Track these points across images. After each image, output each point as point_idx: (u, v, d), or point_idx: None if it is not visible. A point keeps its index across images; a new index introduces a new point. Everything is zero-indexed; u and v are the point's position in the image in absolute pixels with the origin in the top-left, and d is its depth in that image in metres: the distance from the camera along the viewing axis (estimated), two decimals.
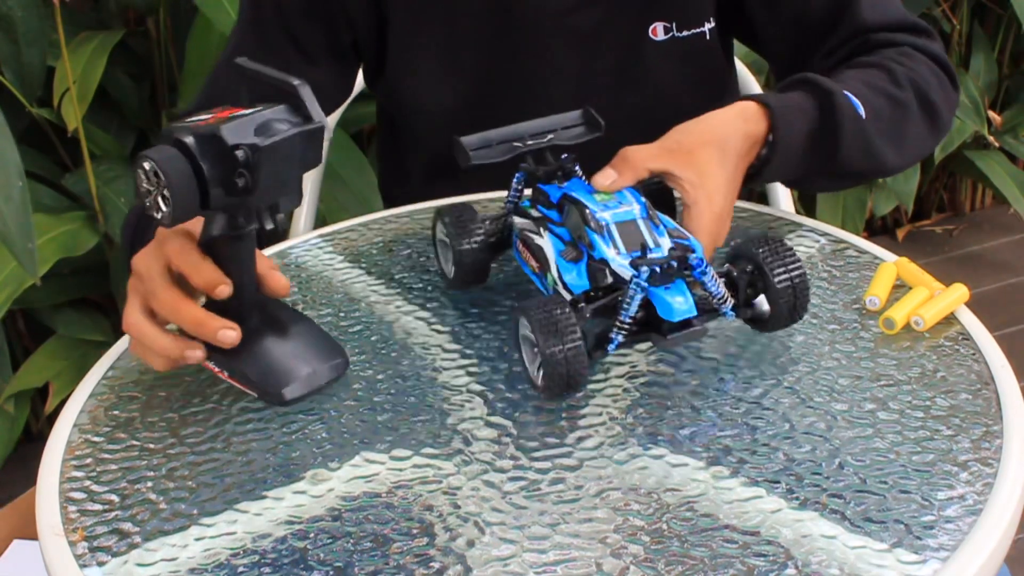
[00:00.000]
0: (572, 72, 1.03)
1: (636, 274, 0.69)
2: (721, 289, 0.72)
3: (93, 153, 1.69)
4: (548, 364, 0.68)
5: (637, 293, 0.70)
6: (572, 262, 0.75)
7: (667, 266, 0.70)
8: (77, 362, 1.75)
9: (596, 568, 0.60)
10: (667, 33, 1.03)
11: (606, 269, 0.72)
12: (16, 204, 1.28)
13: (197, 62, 1.74)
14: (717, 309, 0.73)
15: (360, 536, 0.63)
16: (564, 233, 0.77)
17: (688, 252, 0.71)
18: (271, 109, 0.68)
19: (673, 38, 1.03)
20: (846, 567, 0.59)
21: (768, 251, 0.73)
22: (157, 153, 0.67)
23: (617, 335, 0.71)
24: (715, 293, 0.72)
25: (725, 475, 0.66)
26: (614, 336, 0.71)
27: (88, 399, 0.78)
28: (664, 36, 1.03)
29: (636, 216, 0.74)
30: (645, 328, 0.72)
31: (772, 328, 0.76)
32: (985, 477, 0.64)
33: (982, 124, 2.24)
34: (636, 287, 0.70)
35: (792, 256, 0.73)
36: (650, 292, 0.70)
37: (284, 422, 0.73)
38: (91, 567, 0.62)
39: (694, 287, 0.71)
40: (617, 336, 0.71)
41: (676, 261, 0.70)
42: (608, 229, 0.73)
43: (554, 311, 0.69)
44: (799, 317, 0.75)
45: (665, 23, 1.02)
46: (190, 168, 0.67)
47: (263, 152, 0.66)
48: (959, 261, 2.53)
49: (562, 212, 0.78)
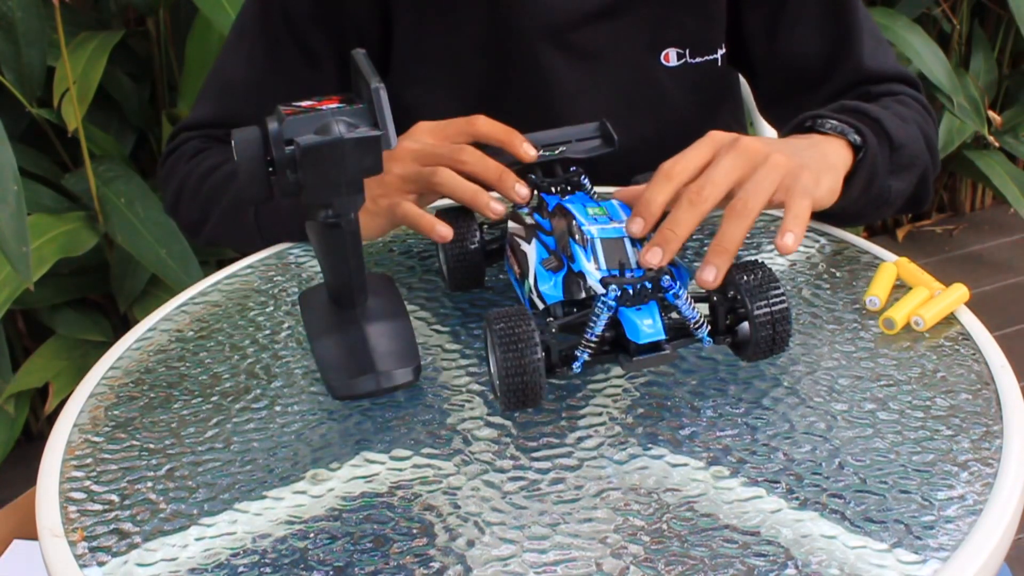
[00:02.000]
0: (575, 90, 1.02)
1: (604, 293, 0.68)
2: (695, 313, 0.70)
3: (93, 153, 1.69)
4: (505, 376, 0.67)
5: (604, 312, 0.68)
6: (551, 271, 0.74)
7: (640, 287, 0.68)
8: (77, 362, 1.75)
9: (596, 568, 0.60)
10: (679, 59, 1.02)
11: (581, 282, 0.71)
12: (11, 208, 1.28)
13: (197, 62, 1.74)
14: (692, 335, 0.71)
15: (360, 536, 0.63)
16: (551, 242, 0.76)
17: (663, 274, 0.69)
18: (353, 107, 0.68)
19: (686, 64, 1.03)
20: (846, 567, 0.59)
21: (751, 280, 0.71)
22: (240, 132, 0.68)
23: (583, 353, 0.69)
24: (689, 317, 0.70)
25: (725, 475, 0.66)
26: (579, 354, 0.69)
27: (88, 399, 0.78)
28: (677, 62, 1.02)
29: (624, 234, 0.73)
30: (614, 348, 0.70)
31: (752, 357, 0.73)
32: (985, 477, 0.64)
33: (982, 124, 2.24)
34: (603, 305, 0.68)
35: (775, 287, 0.71)
36: (620, 313, 0.69)
37: (284, 422, 0.73)
38: (91, 567, 0.62)
39: (671, 311, 0.70)
40: (583, 354, 0.69)
41: (650, 283, 0.68)
42: (592, 243, 0.72)
43: (516, 324, 0.68)
44: (780, 349, 0.72)
45: (678, 49, 1.02)
46: (262, 153, 0.67)
47: (307, 152, 0.66)
48: (959, 261, 2.53)
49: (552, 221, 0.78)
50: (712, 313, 0.72)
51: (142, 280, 1.74)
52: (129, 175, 1.69)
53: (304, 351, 0.80)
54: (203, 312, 0.87)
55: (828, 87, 1.01)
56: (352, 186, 0.69)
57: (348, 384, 0.73)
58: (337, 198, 0.69)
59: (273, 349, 0.81)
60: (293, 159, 0.66)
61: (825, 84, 1.01)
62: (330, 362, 0.75)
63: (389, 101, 0.66)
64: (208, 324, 0.85)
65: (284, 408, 0.75)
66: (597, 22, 1.00)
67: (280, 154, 0.66)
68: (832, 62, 1.01)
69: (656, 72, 1.03)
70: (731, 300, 0.72)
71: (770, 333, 0.71)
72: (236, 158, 0.67)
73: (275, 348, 0.81)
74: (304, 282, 0.90)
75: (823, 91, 1.01)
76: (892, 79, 1.01)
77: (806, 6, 1.01)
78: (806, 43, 1.01)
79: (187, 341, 0.83)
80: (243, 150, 0.67)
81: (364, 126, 0.67)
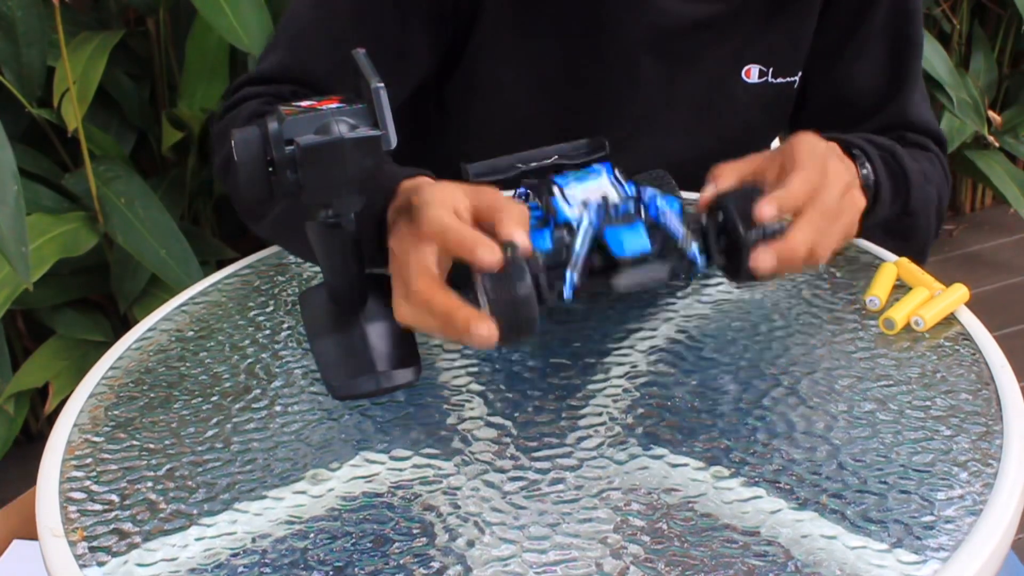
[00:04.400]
0: (654, 93, 1.00)
1: (586, 209, 0.68)
2: (680, 228, 0.70)
3: (93, 153, 1.69)
4: (496, 305, 0.66)
5: (587, 228, 0.68)
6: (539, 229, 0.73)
7: (622, 207, 0.69)
8: (77, 362, 1.74)
9: (596, 568, 0.60)
10: (761, 77, 1.02)
11: (567, 233, 0.71)
12: (10, 208, 1.27)
13: (197, 62, 1.74)
14: (683, 253, 0.71)
15: (360, 536, 0.63)
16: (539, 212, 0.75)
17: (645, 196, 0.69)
18: (353, 107, 0.68)
19: (766, 83, 1.02)
20: (846, 567, 0.59)
21: (743, 203, 0.71)
22: (241, 132, 0.67)
23: (571, 275, 0.69)
24: (673, 232, 0.70)
25: (725, 475, 0.66)
26: (567, 275, 0.69)
27: (88, 399, 0.78)
28: (758, 79, 1.02)
29: (602, 174, 0.73)
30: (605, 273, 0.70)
31: (744, 280, 0.72)
32: (985, 477, 0.64)
33: (982, 124, 2.24)
34: (584, 221, 0.68)
35: None
36: (605, 233, 0.69)
37: (284, 422, 0.73)
38: (91, 567, 0.62)
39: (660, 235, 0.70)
40: (571, 276, 0.69)
41: (631, 203, 0.69)
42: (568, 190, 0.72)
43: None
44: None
45: (761, 66, 1.01)
46: (262, 153, 0.67)
47: (307, 152, 0.66)
48: (959, 261, 2.53)
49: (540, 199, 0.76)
50: (703, 236, 0.72)
51: (142, 280, 1.74)
52: (129, 175, 1.69)
53: (304, 351, 0.80)
54: (203, 312, 0.87)
55: (868, 125, 1.01)
56: (352, 186, 0.69)
57: (348, 384, 0.73)
58: (337, 198, 0.69)
59: (273, 349, 0.81)
60: (293, 159, 0.66)
61: (867, 122, 1.01)
62: (330, 362, 0.75)
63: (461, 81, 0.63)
64: (208, 324, 0.85)
65: (284, 408, 0.75)
66: (698, 31, 0.99)
67: (280, 154, 0.67)
68: (882, 102, 1.02)
69: (736, 87, 1.02)
70: (721, 223, 0.72)
71: None
72: (236, 158, 0.67)
73: (275, 348, 0.81)
74: (304, 282, 0.90)
75: (861, 128, 1.01)
76: (927, 134, 1.02)
77: (873, 42, 1.01)
78: (864, 78, 1.02)
79: (187, 341, 0.83)
80: (243, 150, 0.67)
81: (364, 126, 0.67)
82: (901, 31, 1.01)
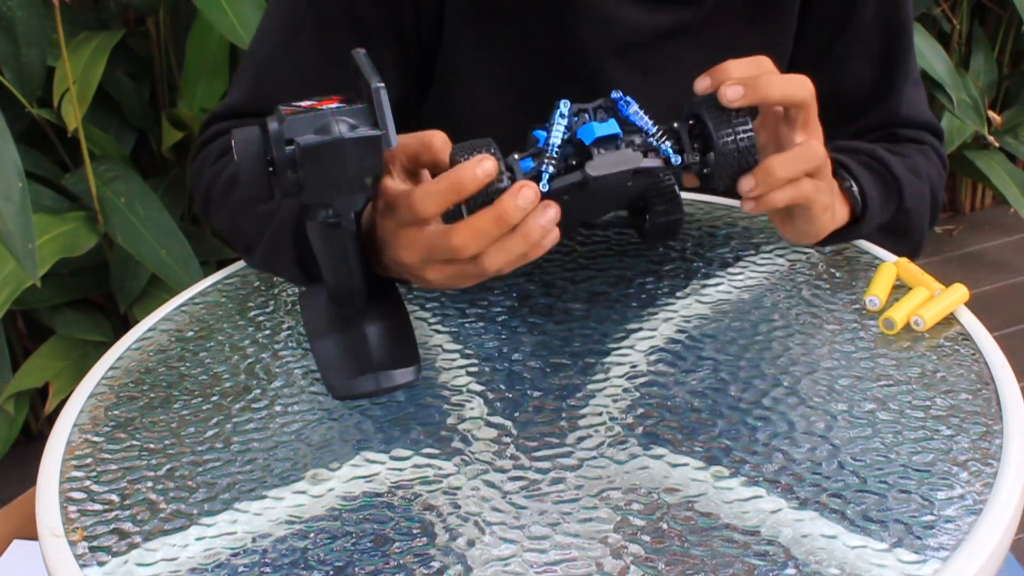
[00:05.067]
0: None
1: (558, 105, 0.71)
2: (650, 124, 0.73)
3: (93, 153, 1.69)
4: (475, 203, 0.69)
5: (560, 122, 0.71)
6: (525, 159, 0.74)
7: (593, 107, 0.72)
8: (77, 362, 1.75)
9: (596, 568, 0.60)
10: None
11: None
12: (16, 204, 1.27)
13: (197, 62, 1.74)
14: (658, 150, 0.73)
15: (360, 536, 0.63)
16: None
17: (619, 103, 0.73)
18: (353, 107, 0.68)
19: None
20: (846, 567, 0.59)
21: (717, 110, 0.74)
22: (241, 132, 0.68)
23: (546, 168, 0.71)
24: (644, 128, 0.73)
25: (725, 475, 0.66)
26: (543, 169, 0.71)
27: (88, 399, 0.78)
28: None
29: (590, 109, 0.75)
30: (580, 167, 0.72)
31: (718, 184, 0.75)
32: (985, 477, 0.64)
33: (982, 124, 2.24)
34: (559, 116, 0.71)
35: (742, 118, 0.74)
36: (579, 131, 0.72)
37: (284, 422, 0.73)
38: (91, 567, 0.62)
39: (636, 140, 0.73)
40: (546, 169, 0.71)
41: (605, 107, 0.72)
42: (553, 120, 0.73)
43: (479, 148, 0.69)
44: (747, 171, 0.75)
45: None
46: (262, 153, 0.67)
47: (307, 152, 0.66)
48: (959, 261, 2.53)
49: None
50: (676, 137, 0.74)
51: (142, 280, 1.74)
52: (129, 175, 1.69)
53: (304, 351, 0.80)
54: (203, 312, 0.87)
55: (859, 123, 1.01)
56: (352, 186, 0.69)
57: (348, 384, 0.74)
58: (337, 198, 0.69)
59: (273, 349, 0.81)
60: (293, 159, 0.66)
61: (858, 120, 1.01)
62: (330, 362, 0.75)
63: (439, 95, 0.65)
64: (208, 324, 0.85)
65: (284, 408, 0.75)
66: (667, 40, 0.98)
67: (280, 154, 0.67)
68: (872, 101, 1.01)
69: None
70: (693, 127, 0.75)
71: (734, 161, 0.74)
72: (236, 158, 0.67)
73: (275, 348, 0.81)
74: None
75: (853, 127, 1.01)
76: (921, 127, 1.02)
77: (864, 41, 1.01)
78: (855, 77, 1.01)
79: (187, 341, 0.83)
80: (243, 150, 0.67)
81: (364, 126, 0.67)
82: (891, 21, 1.01)
